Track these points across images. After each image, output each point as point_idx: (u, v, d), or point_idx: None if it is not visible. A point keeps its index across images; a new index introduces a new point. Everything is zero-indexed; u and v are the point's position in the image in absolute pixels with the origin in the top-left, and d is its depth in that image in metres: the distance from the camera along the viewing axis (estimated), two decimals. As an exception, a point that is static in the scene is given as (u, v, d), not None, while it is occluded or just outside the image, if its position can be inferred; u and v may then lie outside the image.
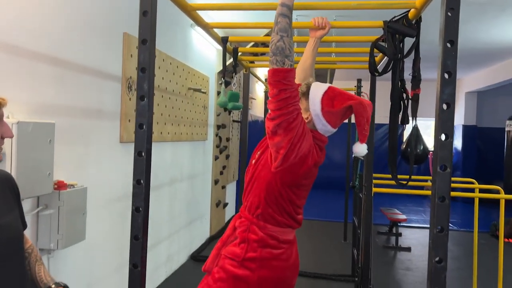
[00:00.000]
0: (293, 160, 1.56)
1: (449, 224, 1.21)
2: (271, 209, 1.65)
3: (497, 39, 5.96)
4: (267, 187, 1.64)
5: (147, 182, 1.35)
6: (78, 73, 2.52)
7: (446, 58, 1.19)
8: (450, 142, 1.19)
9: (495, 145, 9.82)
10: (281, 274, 1.66)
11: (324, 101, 1.64)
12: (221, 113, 5.82)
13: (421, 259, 5.21)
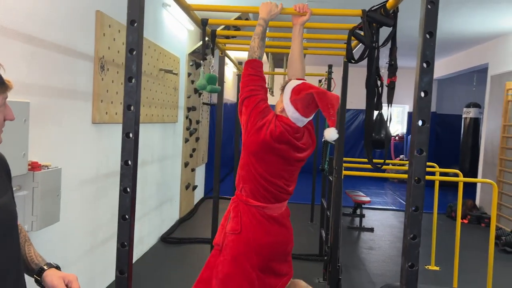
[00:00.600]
0: (250, 130, 1.86)
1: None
2: (248, 183, 1.91)
3: (458, 30, 6.21)
4: (244, 165, 1.93)
5: (135, 163, 1.37)
6: (50, 51, 2.44)
7: (425, 49, 1.27)
8: (427, 127, 1.27)
9: (453, 131, 10.32)
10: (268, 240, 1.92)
11: (294, 91, 1.92)
12: (191, 95, 5.79)
13: (383, 239, 5.47)
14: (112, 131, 3.35)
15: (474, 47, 7.52)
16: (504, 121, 6.18)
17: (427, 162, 1.24)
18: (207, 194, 7.32)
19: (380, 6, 1.83)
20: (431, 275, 4.19)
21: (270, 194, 1.91)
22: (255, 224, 1.89)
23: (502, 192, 6.11)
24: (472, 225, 6.36)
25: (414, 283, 1.31)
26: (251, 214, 1.90)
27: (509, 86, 6.09)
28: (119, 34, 3.27)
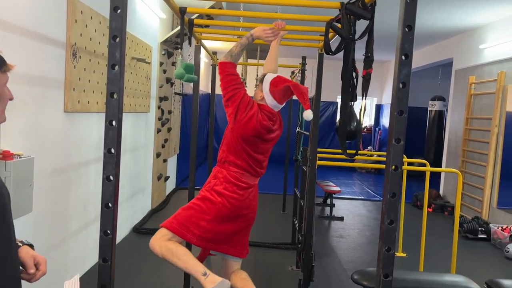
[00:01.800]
0: (241, 120, 2.26)
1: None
2: (232, 156, 2.32)
3: (425, 24, 6.41)
4: (228, 142, 2.35)
5: (118, 151, 1.36)
6: (20, 36, 2.36)
7: (404, 42, 1.32)
8: (405, 117, 1.33)
9: (419, 124, 10.66)
10: (238, 206, 2.31)
11: (272, 84, 2.33)
12: (164, 85, 5.71)
13: (352, 227, 5.63)
14: (85, 120, 3.27)
15: (440, 42, 7.78)
16: (467, 114, 6.45)
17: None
18: (179, 185, 7.28)
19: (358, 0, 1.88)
20: (399, 261, 4.36)
21: (250, 167, 2.35)
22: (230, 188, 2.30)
23: (464, 182, 6.39)
24: (436, 214, 6.64)
25: (390, 266, 1.38)
26: (231, 177, 2.31)
27: (472, 80, 6.36)
28: (91, 21, 3.18)
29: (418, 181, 9.31)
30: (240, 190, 2.31)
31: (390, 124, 1.36)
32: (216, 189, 2.29)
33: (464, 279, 2.54)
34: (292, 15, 2.74)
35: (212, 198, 2.27)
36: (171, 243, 2.24)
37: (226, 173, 2.31)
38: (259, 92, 2.38)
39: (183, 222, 2.26)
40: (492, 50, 5.99)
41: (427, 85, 10.80)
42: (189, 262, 2.20)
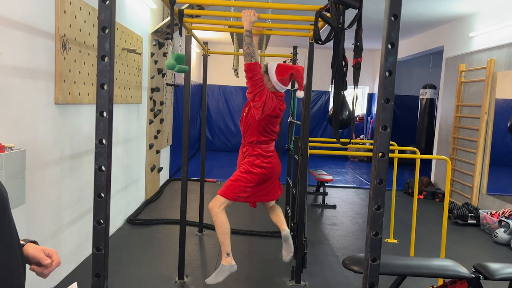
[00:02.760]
0: (267, 112, 2.88)
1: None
2: (261, 137, 2.99)
3: (415, 13, 6.43)
4: (256, 129, 2.96)
5: (109, 142, 1.37)
6: (8, 28, 2.35)
7: (390, 31, 1.34)
8: (391, 105, 1.36)
9: (410, 112, 10.74)
10: (271, 169, 3.03)
11: (278, 73, 2.91)
12: (155, 75, 5.69)
13: (345, 215, 5.69)
14: (76, 112, 3.27)
15: (430, 30, 7.81)
16: (457, 102, 6.51)
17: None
18: (172, 176, 7.30)
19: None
20: (390, 248, 4.43)
21: (271, 139, 3.04)
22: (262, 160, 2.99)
23: (455, 169, 6.48)
24: (427, 200, 6.73)
25: (378, 250, 1.42)
26: (263, 152, 3.01)
27: (462, 68, 6.41)
28: (80, 11, 3.16)
29: (409, 169, 9.42)
30: (271, 158, 3.03)
31: (377, 112, 1.38)
32: (256, 163, 2.98)
33: (452, 263, 2.60)
34: (283, 4, 2.74)
35: (253, 170, 2.97)
36: (223, 216, 2.95)
37: (259, 150, 3.00)
38: (268, 82, 2.91)
39: (234, 191, 2.96)
40: (481, 38, 6.04)
41: (418, 74, 10.86)
42: (226, 239, 2.96)
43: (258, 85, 2.78)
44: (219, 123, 11.54)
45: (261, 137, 2.98)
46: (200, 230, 4.57)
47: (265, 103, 2.82)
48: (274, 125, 3.02)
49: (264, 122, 2.92)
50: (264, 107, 2.82)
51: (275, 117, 2.96)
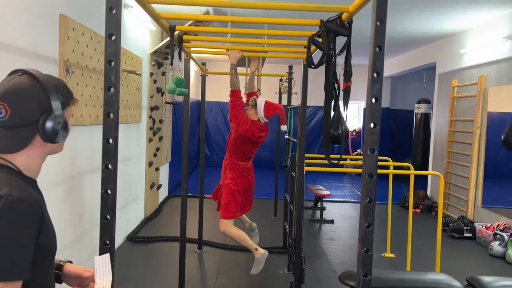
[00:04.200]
0: (240, 132, 3.47)
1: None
2: (237, 154, 3.64)
3: (408, 30, 6.60)
4: (233, 145, 3.61)
5: (115, 167, 1.46)
6: (15, 55, 2.45)
7: (375, 60, 1.45)
8: (378, 129, 1.46)
9: (406, 126, 10.87)
10: (247, 182, 3.72)
11: (265, 111, 3.53)
12: (154, 94, 5.81)
13: (342, 229, 5.75)
14: (78, 134, 3.36)
15: (423, 46, 7.99)
16: (450, 116, 6.64)
17: (382, 156, 1.42)
18: (171, 193, 7.36)
19: (336, 17, 2.01)
20: (387, 262, 4.49)
21: (247, 157, 3.67)
22: (240, 175, 3.66)
23: (450, 182, 6.58)
24: (424, 214, 6.80)
25: (369, 266, 1.50)
26: (238, 169, 3.65)
27: (455, 83, 6.55)
28: (83, 36, 3.28)
29: (406, 182, 9.48)
30: (248, 173, 3.69)
31: (365, 136, 1.48)
32: (235, 180, 3.64)
33: (446, 277, 2.67)
34: (278, 31, 2.88)
35: (235, 188, 3.62)
36: (234, 230, 3.63)
37: (237, 166, 3.64)
38: (254, 115, 3.56)
39: (231, 211, 3.65)
40: (472, 55, 6.19)
41: (413, 88, 11.03)
42: (247, 242, 3.64)
43: (235, 109, 3.38)
44: (217, 139, 11.63)
45: (237, 154, 3.61)
46: (200, 247, 4.63)
47: (238, 124, 3.42)
48: (249, 148, 3.60)
49: (239, 141, 3.52)
50: (237, 127, 3.43)
51: (251, 141, 3.53)
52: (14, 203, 1.00)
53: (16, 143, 1.09)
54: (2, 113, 1.05)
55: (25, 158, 1.12)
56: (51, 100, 1.10)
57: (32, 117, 1.08)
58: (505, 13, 5.36)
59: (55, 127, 1.11)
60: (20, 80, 1.09)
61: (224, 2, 2.18)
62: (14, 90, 1.07)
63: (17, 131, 1.08)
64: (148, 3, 1.80)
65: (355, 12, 1.82)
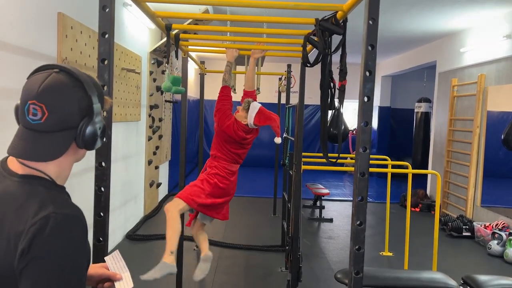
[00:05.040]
0: (221, 127, 3.07)
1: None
2: (219, 153, 3.13)
3: (408, 29, 6.59)
4: (215, 143, 3.17)
5: (108, 165, 1.47)
6: (13, 54, 2.47)
7: (368, 59, 1.45)
8: (370, 128, 1.46)
9: (406, 125, 10.86)
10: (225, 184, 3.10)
11: (255, 117, 3.08)
12: (154, 93, 5.82)
13: (341, 228, 5.76)
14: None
15: (423, 45, 7.97)
16: (450, 115, 6.63)
17: (382, 155, 1.42)
18: (171, 191, 7.37)
19: (331, 16, 2.01)
20: (385, 260, 4.50)
21: (231, 158, 3.13)
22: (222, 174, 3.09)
23: (449, 181, 6.57)
24: (423, 213, 6.80)
25: (361, 263, 1.51)
26: (222, 167, 3.11)
27: (455, 82, 6.55)
28: (81, 35, 3.29)
29: (406, 182, 9.48)
30: (229, 176, 3.12)
31: (357, 135, 1.49)
32: (212, 175, 3.07)
33: (442, 276, 2.67)
34: (275, 30, 2.89)
35: (210, 180, 3.06)
36: (177, 216, 2.95)
37: (217, 164, 3.12)
38: (244, 118, 3.12)
39: (190, 194, 3.01)
40: (471, 54, 6.18)
41: (413, 87, 11.01)
42: (173, 237, 2.88)
43: (220, 103, 3.15)
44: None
45: (222, 154, 3.13)
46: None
47: (220, 119, 3.11)
48: (236, 148, 3.15)
49: (223, 139, 3.13)
50: (219, 121, 3.11)
51: (233, 139, 3.09)
52: (63, 222, 0.89)
53: (52, 150, 0.96)
54: (37, 115, 0.92)
55: (57, 167, 0.99)
56: (93, 103, 0.97)
57: (72, 121, 0.95)
58: (505, 12, 5.35)
59: (95, 133, 0.99)
60: (59, 78, 0.95)
61: (218, 1, 2.18)
62: (53, 89, 0.93)
63: (53, 137, 0.94)
64: (143, 1, 1.80)
65: (350, 10, 1.82)
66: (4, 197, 0.93)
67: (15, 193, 0.92)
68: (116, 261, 1.29)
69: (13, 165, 0.98)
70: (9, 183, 0.95)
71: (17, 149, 0.95)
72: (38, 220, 0.86)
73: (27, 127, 0.94)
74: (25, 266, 0.85)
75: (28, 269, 0.85)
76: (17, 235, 0.87)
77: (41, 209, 0.88)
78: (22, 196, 0.92)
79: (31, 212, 0.88)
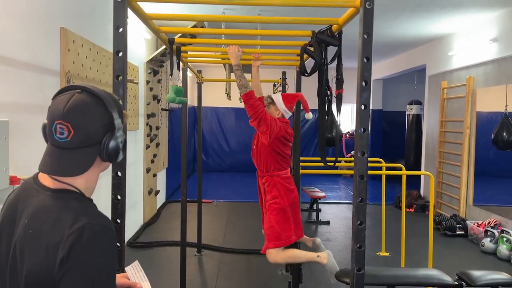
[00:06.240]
0: (274, 134, 2.89)
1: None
2: (275, 164, 3.01)
3: (398, 34, 6.76)
4: (269, 154, 3.00)
5: (123, 174, 1.57)
6: (20, 69, 2.55)
7: (364, 71, 1.57)
8: (367, 134, 1.58)
9: (398, 127, 11.04)
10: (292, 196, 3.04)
11: (286, 101, 3.04)
12: (151, 102, 5.91)
13: (338, 230, 5.87)
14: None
15: (413, 49, 8.15)
16: (441, 117, 6.79)
17: (375, 157, 1.52)
18: (168, 198, 7.44)
19: (327, 29, 2.13)
20: (382, 260, 4.61)
21: (286, 163, 3.06)
22: (284, 188, 3.01)
23: (442, 182, 6.72)
24: (417, 213, 6.93)
25: (362, 261, 1.61)
26: (281, 182, 3.01)
27: (444, 85, 6.72)
28: (82, 48, 3.38)
29: (400, 183, 9.62)
30: (291, 185, 3.06)
31: (355, 140, 1.60)
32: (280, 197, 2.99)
33: (437, 272, 2.79)
34: (273, 41, 3.02)
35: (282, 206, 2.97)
36: (283, 253, 2.98)
37: (278, 179, 3.02)
38: (276, 111, 3.04)
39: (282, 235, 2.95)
40: (459, 57, 6.36)
41: (404, 90, 11.20)
42: (306, 255, 3.05)
43: (259, 111, 2.81)
44: (213, 144, 11.73)
45: (276, 163, 2.99)
46: (199, 250, 4.72)
47: (271, 126, 2.86)
48: (287, 149, 3.04)
49: (275, 144, 2.96)
50: (270, 130, 2.87)
51: (285, 139, 2.99)
52: (97, 233, 0.97)
53: (79, 165, 1.03)
54: (64, 133, 1.00)
55: (85, 180, 1.07)
56: (114, 119, 1.04)
57: (96, 138, 1.02)
58: (490, 16, 5.53)
59: (118, 147, 1.05)
60: (82, 98, 1.02)
61: (221, 17, 2.29)
62: (77, 109, 1.00)
63: (80, 152, 1.02)
64: (149, 19, 1.91)
65: (345, 24, 1.94)
66: (41, 210, 1.01)
67: (50, 206, 1.01)
68: (136, 271, 1.36)
69: (45, 180, 1.07)
70: (43, 197, 1.03)
71: (47, 166, 1.04)
72: (74, 231, 0.95)
73: (55, 145, 1.02)
74: (64, 273, 0.94)
75: (67, 277, 0.94)
76: (55, 245, 0.95)
77: (76, 221, 0.96)
78: (57, 209, 1.00)
79: (67, 223, 0.96)
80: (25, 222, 1.01)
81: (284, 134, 2.96)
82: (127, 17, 1.56)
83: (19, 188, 1.14)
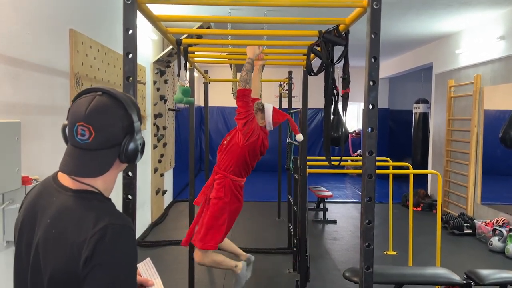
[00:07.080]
0: (251, 139, 2.93)
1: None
2: (237, 167, 3.01)
3: (405, 32, 6.74)
4: (236, 157, 3.00)
5: (134, 174, 1.59)
6: (31, 71, 2.59)
7: (371, 70, 1.58)
8: (375, 133, 1.59)
9: (405, 126, 11.00)
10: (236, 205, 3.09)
11: (273, 115, 3.07)
12: (158, 102, 5.94)
13: (345, 229, 5.87)
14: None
15: (419, 47, 8.12)
16: (448, 116, 6.76)
17: (382, 156, 1.53)
18: (176, 198, 7.48)
19: (334, 28, 2.14)
20: (389, 259, 4.61)
21: (246, 172, 3.08)
22: (231, 194, 3.02)
23: (449, 180, 6.69)
24: (425, 212, 6.91)
25: (371, 259, 1.62)
26: (232, 186, 3.02)
27: (451, 83, 6.69)
28: (91, 49, 3.42)
29: (407, 182, 9.59)
30: (240, 194, 3.08)
31: (363, 140, 1.61)
32: (224, 200, 3.01)
33: (445, 271, 2.79)
34: (279, 41, 3.03)
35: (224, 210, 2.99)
36: (211, 257, 3.06)
37: (230, 182, 3.01)
38: (262, 120, 3.07)
39: (214, 238, 3.01)
40: (467, 55, 6.33)
41: (411, 89, 11.16)
42: (229, 263, 3.15)
43: (248, 113, 2.86)
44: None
45: (237, 168, 3.00)
46: (207, 249, 4.74)
47: (253, 131, 2.91)
48: (254, 161, 3.09)
49: (247, 152, 2.97)
50: (251, 134, 2.91)
51: (259, 150, 3.03)
52: (119, 232, 1.00)
53: (100, 167, 1.04)
54: (85, 135, 1.01)
55: (104, 181, 1.09)
56: (134, 121, 1.06)
57: (116, 139, 1.04)
58: (497, 13, 5.50)
59: (137, 149, 1.07)
60: (102, 100, 1.03)
61: (228, 18, 2.30)
62: (98, 111, 1.02)
63: (100, 154, 1.03)
64: (158, 20, 1.93)
65: (351, 24, 1.95)
66: (64, 210, 1.03)
67: (73, 207, 1.03)
68: (148, 268, 1.38)
69: (65, 180, 1.09)
70: (65, 197, 1.05)
71: (68, 167, 1.05)
72: (98, 230, 0.97)
73: (76, 146, 1.04)
74: (89, 271, 0.96)
75: (92, 275, 0.96)
76: (79, 244, 0.97)
77: (99, 221, 0.99)
78: (80, 209, 1.02)
79: (90, 223, 0.98)
80: (47, 222, 1.03)
81: (260, 145, 3.00)
82: (136, 19, 1.58)
83: (38, 187, 1.15)
